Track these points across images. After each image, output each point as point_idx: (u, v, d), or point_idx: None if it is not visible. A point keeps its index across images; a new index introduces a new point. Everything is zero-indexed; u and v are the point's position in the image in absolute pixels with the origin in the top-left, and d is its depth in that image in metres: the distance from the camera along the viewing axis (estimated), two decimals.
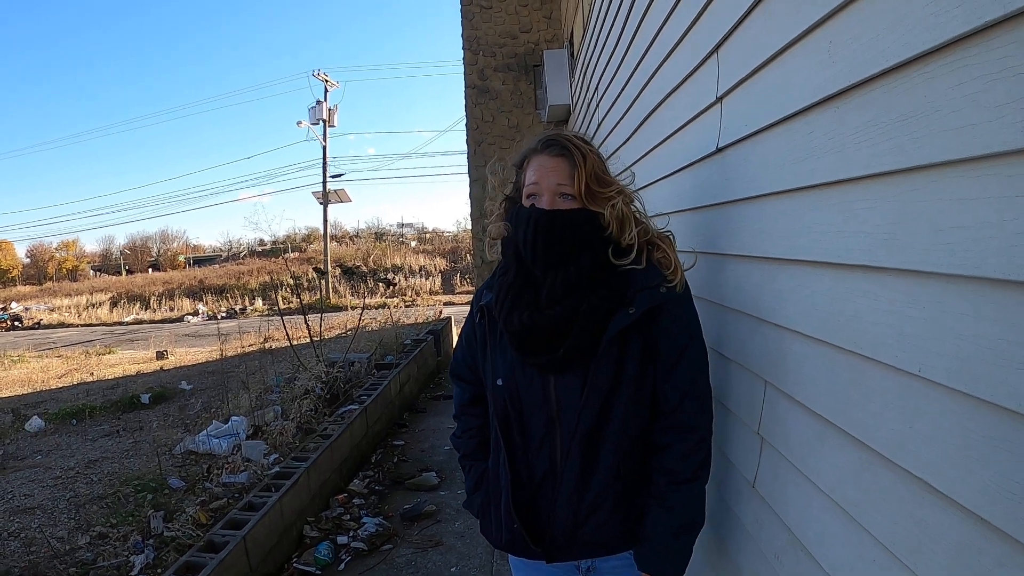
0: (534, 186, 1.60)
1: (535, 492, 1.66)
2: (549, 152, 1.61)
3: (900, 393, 1.00)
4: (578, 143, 1.61)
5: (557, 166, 1.58)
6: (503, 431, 1.67)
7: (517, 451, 1.67)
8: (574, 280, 1.56)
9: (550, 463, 1.63)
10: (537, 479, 1.65)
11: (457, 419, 1.96)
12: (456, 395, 1.96)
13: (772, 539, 1.56)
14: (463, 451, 1.92)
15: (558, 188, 1.57)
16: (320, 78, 29.67)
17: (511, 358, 1.64)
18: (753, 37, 1.56)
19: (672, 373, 1.60)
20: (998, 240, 0.77)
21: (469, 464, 1.91)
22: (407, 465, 5.79)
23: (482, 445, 1.87)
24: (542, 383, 1.61)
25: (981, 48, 0.79)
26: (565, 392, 1.60)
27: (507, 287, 1.64)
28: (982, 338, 0.81)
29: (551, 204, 1.58)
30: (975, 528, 0.84)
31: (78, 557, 4.22)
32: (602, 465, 1.60)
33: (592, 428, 1.58)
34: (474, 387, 1.89)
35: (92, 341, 19.86)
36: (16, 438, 7.99)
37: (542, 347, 1.57)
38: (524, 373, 1.63)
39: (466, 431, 1.91)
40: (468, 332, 1.88)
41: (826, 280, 1.24)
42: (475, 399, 1.90)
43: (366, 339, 10.04)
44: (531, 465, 1.66)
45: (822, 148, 1.22)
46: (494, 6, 10.08)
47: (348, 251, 35.12)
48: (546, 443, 1.63)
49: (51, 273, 51.65)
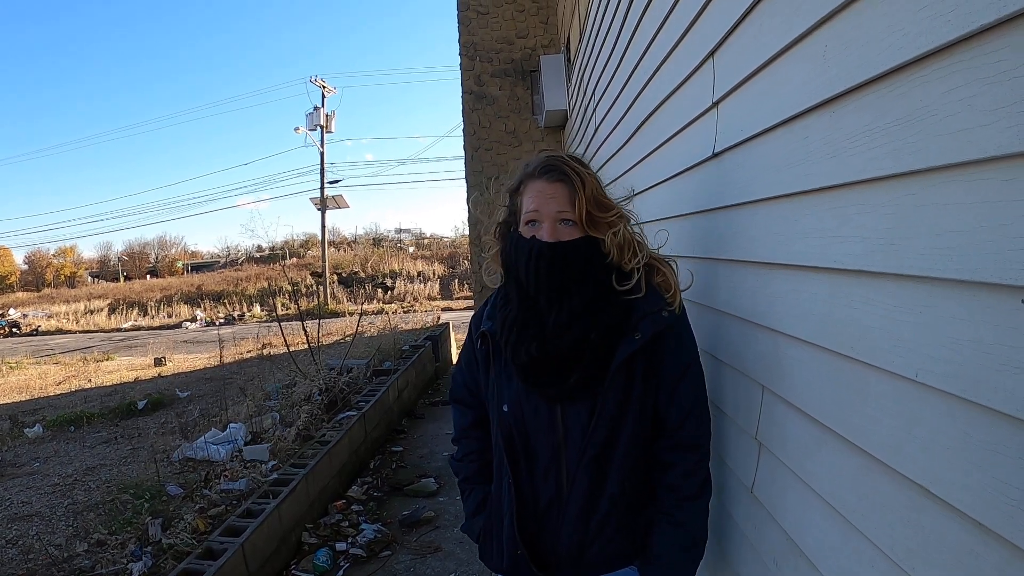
0: (534, 213, 1.58)
1: (540, 517, 1.66)
2: (547, 178, 1.58)
3: (897, 398, 1.00)
4: (576, 167, 1.58)
5: (556, 192, 1.56)
6: (509, 457, 1.65)
7: (522, 477, 1.66)
8: (579, 309, 1.56)
9: (556, 488, 1.63)
10: (542, 505, 1.65)
11: (457, 442, 1.94)
12: (457, 419, 1.95)
13: (771, 545, 1.56)
14: (464, 474, 1.90)
15: (558, 215, 1.56)
16: (317, 84, 29.68)
17: (517, 386, 1.63)
18: (748, 42, 1.56)
19: (675, 394, 1.61)
20: (995, 244, 0.77)
21: (470, 488, 1.89)
22: (406, 471, 5.78)
23: (483, 469, 1.86)
24: (548, 410, 1.61)
25: (976, 52, 0.79)
26: (572, 419, 1.59)
27: (511, 321, 1.63)
28: (979, 342, 0.81)
29: (552, 232, 1.55)
30: (974, 533, 0.83)
31: (76, 564, 4.21)
32: (608, 488, 1.60)
33: (599, 453, 1.58)
34: (475, 411, 1.88)
35: (90, 347, 19.84)
36: (14, 445, 7.97)
37: (550, 378, 1.57)
38: (530, 400, 1.62)
39: (467, 455, 1.90)
40: (468, 356, 1.87)
41: (822, 285, 1.24)
42: (477, 423, 1.88)
43: (364, 345, 10.04)
44: (536, 491, 1.65)
45: (818, 153, 1.22)
46: (491, 12, 10.10)
47: (346, 257, 35.10)
48: (552, 469, 1.62)
49: (49, 279, 51.54)
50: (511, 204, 1.69)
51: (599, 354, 1.55)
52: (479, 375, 1.81)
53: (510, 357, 1.62)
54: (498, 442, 1.68)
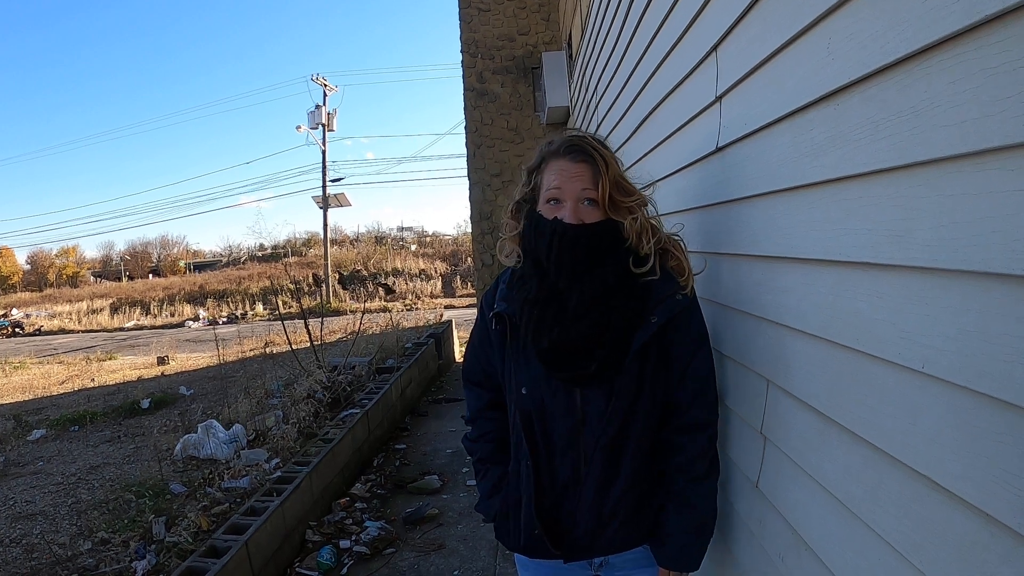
0: (556, 191, 1.57)
1: (558, 498, 1.66)
2: (571, 157, 1.57)
3: (903, 389, 1.00)
4: (600, 148, 1.58)
5: (581, 172, 1.56)
6: (528, 439, 1.65)
7: (541, 458, 1.66)
8: (600, 293, 1.56)
9: (573, 470, 1.63)
10: (560, 486, 1.66)
11: (472, 423, 1.92)
12: (470, 400, 1.93)
13: (775, 539, 1.56)
14: (479, 455, 1.89)
15: (583, 193, 1.55)
16: (319, 82, 29.66)
17: (535, 368, 1.63)
18: (752, 35, 1.56)
19: (685, 376, 1.62)
20: (1001, 234, 0.77)
21: (485, 468, 1.88)
22: (409, 469, 5.78)
23: (499, 449, 1.85)
24: (567, 393, 1.61)
25: (980, 43, 0.78)
26: (591, 402, 1.60)
27: (531, 302, 1.62)
28: (986, 333, 0.81)
29: (575, 212, 1.55)
30: (980, 524, 0.84)
31: (80, 563, 4.22)
32: (624, 469, 1.61)
33: (616, 435, 1.59)
34: (490, 392, 1.87)
35: (93, 347, 19.87)
36: (17, 445, 7.97)
37: (571, 363, 1.57)
38: (549, 384, 1.62)
39: (483, 435, 1.88)
40: (481, 337, 1.85)
41: (828, 277, 1.24)
42: (492, 404, 1.87)
43: (367, 343, 10.02)
44: (554, 472, 1.65)
45: (822, 146, 1.22)
46: (492, 9, 10.10)
47: (348, 255, 35.09)
48: (569, 451, 1.63)
49: (52, 279, 51.61)
50: (530, 182, 1.67)
51: (620, 339, 1.55)
52: (493, 356, 1.79)
53: (530, 340, 1.61)
54: (516, 424, 1.69)
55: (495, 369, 1.80)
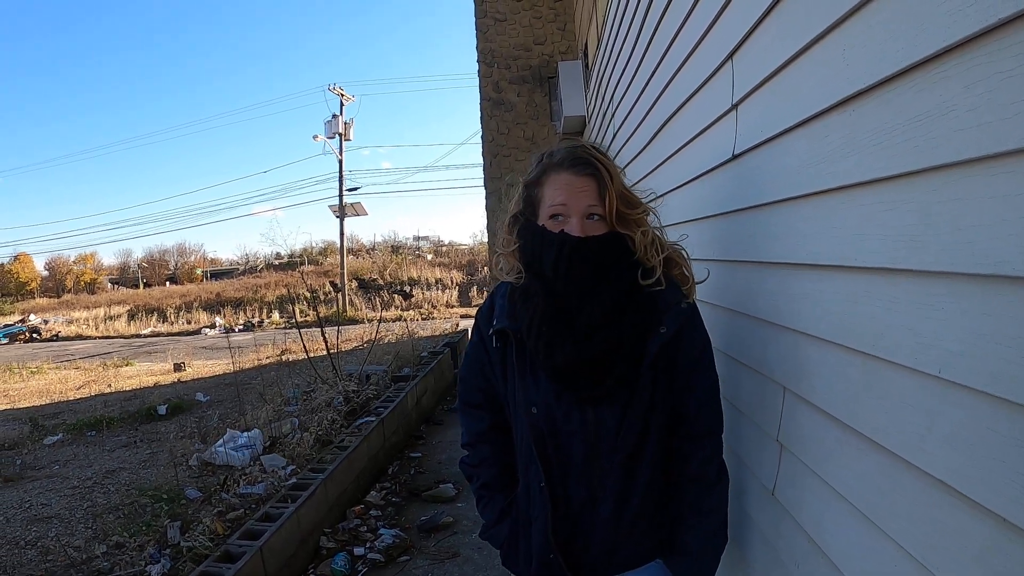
0: (561, 207, 1.52)
1: (573, 520, 1.62)
2: (575, 170, 1.52)
3: (919, 395, 1.00)
4: (603, 159, 1.54)
5: (585, 186, 1.51)
6: (541, 460, 1.60)
7: (555, 479, 1.60)
8: (610, 307, 1.53)
9: (588, 490, 1.59)
10: (575, 507, 1.61)
11: (471, 447, 1.84)
12: (469, 423, 1.84)
13: (791, 546, 1.55)
14: (482, 480, 1.81)
15: (588, 210, 1.51)
16: (336, 92, 29.89)
17: (545, 387, 1.58)
18: (767, 42, 1.56)
19: (690, 383, 1.60)
20: (1017, 237, 0.77)
21: (489, 494, 1.80)
22: (424, 477, 5.78)
23: (503, 473, 1.78)
24: (580, 410, 1.56)
25: (995, 46, 0.79)
26: (604, 418, 1.55)
27: (539, 317, 1.57)
28: (1003, 336, 0.80)
29: (581, 227, 1.50)
30: (998, 530, 0.83)
31: (95, 566, 4.23)
32: (639, 484, 1.58)
33: (632, 451, 1.56)
34: (492, 414, 1.79)
35: (110, 353, 20.02)
36: (34, 448, 8.04)
37: (587, 380, 1.54)
38: (561, 402, 1.57)
39: (484, 460, 1.81)
40: (480, 357, 1.76)
41: (844, 284, 1.24)
42: (493, 426, 1.79)
43: (383, 351, 10.04)
44: (569, 493, 1.60)
45: (839, 152, 1.22)
46: (508, 19, 10.15)
47: (365, 264, 35.25)
48: (584, 471, 1.58)
49: (69, 286, 52.20)
50: (527, 195, 1.63)
51: (633, 354, 1.53)
52: (493, 376, 1.73)
53: (542, 358, 1.56)
54: (527, 445, 1.62)
55: (496, 390, 1.74)
